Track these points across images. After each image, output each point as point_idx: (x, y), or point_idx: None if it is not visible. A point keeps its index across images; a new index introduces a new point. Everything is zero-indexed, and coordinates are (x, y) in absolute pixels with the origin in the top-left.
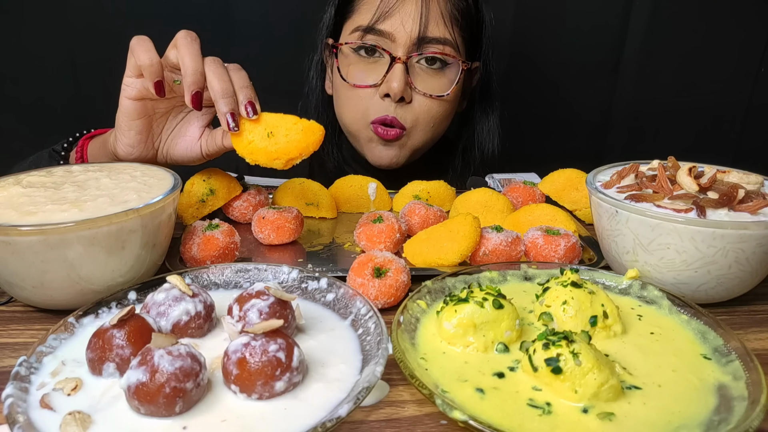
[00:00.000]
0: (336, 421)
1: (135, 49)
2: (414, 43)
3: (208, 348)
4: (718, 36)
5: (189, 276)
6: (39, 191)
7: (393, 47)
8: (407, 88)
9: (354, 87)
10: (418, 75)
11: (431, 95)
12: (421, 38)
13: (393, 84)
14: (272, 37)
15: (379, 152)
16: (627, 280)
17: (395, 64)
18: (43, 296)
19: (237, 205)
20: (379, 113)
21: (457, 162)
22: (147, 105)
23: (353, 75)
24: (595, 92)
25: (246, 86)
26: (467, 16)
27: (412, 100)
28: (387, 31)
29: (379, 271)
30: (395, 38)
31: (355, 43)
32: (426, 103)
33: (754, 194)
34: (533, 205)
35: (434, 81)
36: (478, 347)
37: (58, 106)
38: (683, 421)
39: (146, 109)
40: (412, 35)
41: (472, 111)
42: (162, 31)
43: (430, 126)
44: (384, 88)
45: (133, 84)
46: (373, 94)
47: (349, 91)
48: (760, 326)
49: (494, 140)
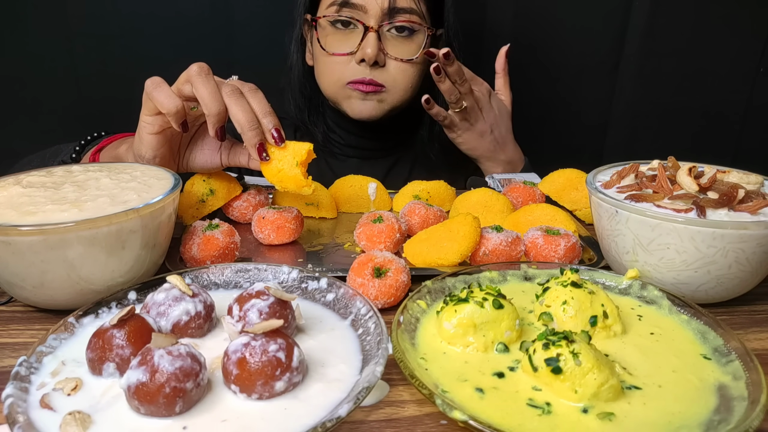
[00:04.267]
0: (336, 421)
1: (155, 96)
2: (385, 14)
3: (208, 348)
4: (717, 36)
5: (189, 276)
6: (39, 191)
7: (365, 18)
8: (380, 54)
9: (332, 55)
10: (389, 42)
11: (402, 59)
12: (391, 9)
13: (367, 50)
14: (272, 37)
15: (357, 105)
16: (627, 280)
17: (368, 32)
18: (43, 296)
19: (237, 205)
20: (356, 76)
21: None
22: (167, 134)
23: (331, 44)
24: (595, 92)
25: (268, 112)
26: None
27: (386, 64)
28: (359, 4)
29: (379, 271)
30: (367, 10)
31: (332, 16)
32: (400, 66)
33: (754, 194)
34: (533, 205)
35: (404, 46)
36: (478, 347)
37: (58, 107)
38: (683, 422)
39: (167, 138)
40: (382, 6)
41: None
42: (162, 31)
43: (409, 87)
44: (359, 55)
45: (153, 121)
46: (350, 60)
47: (327, 58)
48: (760, 326)
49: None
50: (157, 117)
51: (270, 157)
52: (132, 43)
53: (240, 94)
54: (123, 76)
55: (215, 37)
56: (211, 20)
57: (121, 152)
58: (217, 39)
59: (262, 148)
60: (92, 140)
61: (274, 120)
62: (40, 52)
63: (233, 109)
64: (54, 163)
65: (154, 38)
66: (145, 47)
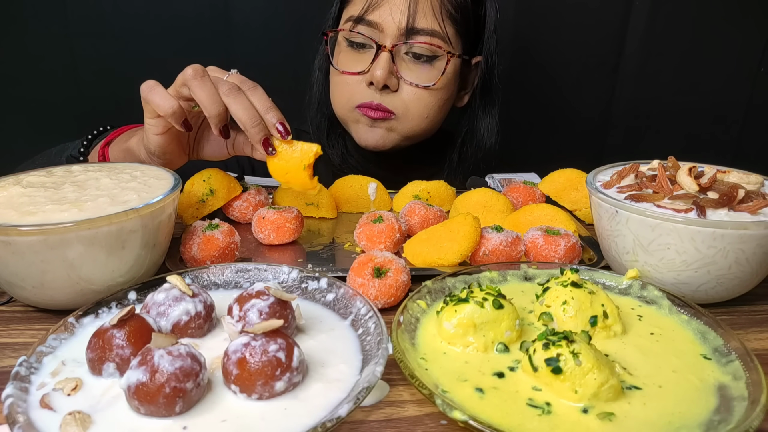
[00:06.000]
0: (336, 421)
1: (150, 99)
2: (402, 34)
3: (208, 348)
4: (717, 36)
5: (189, 276)
6: (39, 191)
7: (381, 37)
8: (392, 77)
9: (343, 74)
10: (405, 65)
11: (417, 85)
12: (409, 29)
13: (377, 72)
14: (272, 37)
15: (364, 132)
16: (627, 280)
17: (381, 52)
18: (43, 296)
19: (237, 205)
20: (365, 99)
21: (454, 156)
22: (173, 132)
23: (343, 62)
24: (595, 92)
25: (270, 107)
26: (462, 9)
27: (399, 89)
28: (375, 22)
29: (379, 271)
30: (383, 29)
31: (345, 31)
32: (415, 93)
33: (754, 194)
34: (533, 205)
35: (422, 71)
36: (478, 347)
37: (59, 106)
38: (683, 422)
39: (173, 136)
40: (400, 26)
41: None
42: (163, 31)
43: (423, 116)
44: (369, 76)
45: (156, 123)
46: (361, 81)
47: (338, 78)
48: (760, 326)
49: (492, 137)
50: (159, 119)
51: (276, 151)
52: (132, 43)
53: (239, 91)
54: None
55: (214, 38)
56: (210, 21)
57: (132, 145)
58: (216, 39)
59: (267, 143)
60: (98, 135)
61: (278, 114)
62: (40, 52)
63: (233, 107)
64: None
65: (154, 38)
66: (145, 47)
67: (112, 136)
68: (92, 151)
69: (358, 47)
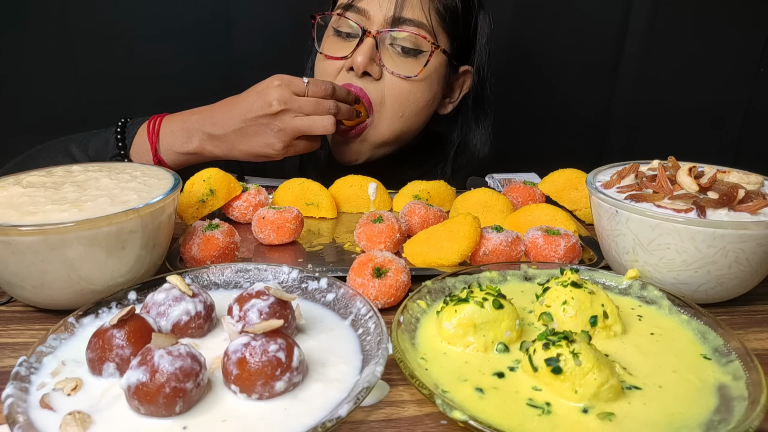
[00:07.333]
0: (336, 421)
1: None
2: (388, 22)
3: (208, 348)
4: (717, 36)
5: (189, 276)
6: (39, 191)
7: (367, 24)
8: (374, 65)
9: (326, 59)
10: (389, 56)
11: (399, 75)
12: (395, 18)
13: (357, 58)
14: (272, 37)
15: (339, 149)
16: (627, 280)
17: (366, 37)
18: (43, 296)
19: (237, 205)
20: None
21: (447, 168)
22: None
23: (327, 47)
24: (595, 92)
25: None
26: (452, 11)
27: (381, 78)
28: (364, 9)
29: (379, 271)
30: (370, 16)
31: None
32: (396, 83)
33: (754, 194)
34: (533, 205)
35: (405, 63)
36: (478, 347)
37: (60, 107)
38: (683, 422)
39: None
40: (387, 14)
41: (465, 117)
42: (163, 31)
43: (398, 114)
44: (350, 61)
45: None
46: (343, 68)
47: (321, 64)
48: (760, 326)
49: (486, 147)
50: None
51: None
52: (132, 43)
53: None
54: (123, 76)
55: (214, 38)
56: (210, 20)
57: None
58: (216, 39)
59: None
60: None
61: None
62: (40, 52)
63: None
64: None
65: (154, 38)
66: (145, 47)
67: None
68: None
69: (344, 36)
